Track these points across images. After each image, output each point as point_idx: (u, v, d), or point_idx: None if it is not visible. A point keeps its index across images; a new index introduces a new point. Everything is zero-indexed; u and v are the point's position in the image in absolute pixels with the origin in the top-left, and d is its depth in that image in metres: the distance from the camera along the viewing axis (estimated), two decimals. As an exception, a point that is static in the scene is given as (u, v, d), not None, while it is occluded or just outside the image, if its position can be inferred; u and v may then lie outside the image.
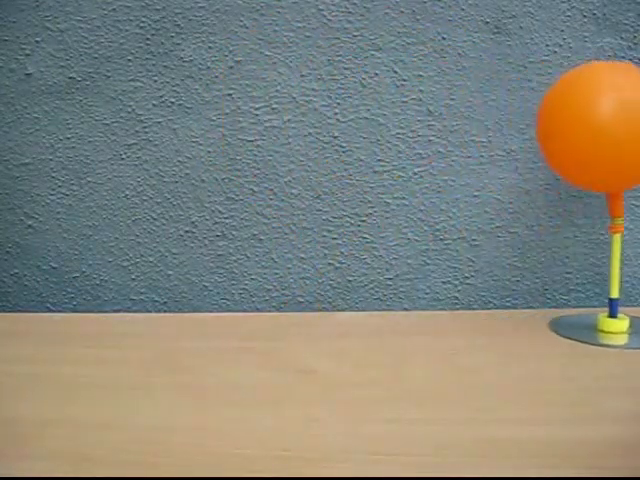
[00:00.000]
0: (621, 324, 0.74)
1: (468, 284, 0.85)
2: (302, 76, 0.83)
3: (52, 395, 0.59)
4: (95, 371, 0.64)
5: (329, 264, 0.85)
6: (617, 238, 0.74)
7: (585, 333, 0.74)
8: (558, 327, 0.76)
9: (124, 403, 0.57)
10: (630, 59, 0.82)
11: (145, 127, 0.85)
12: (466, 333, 0.75)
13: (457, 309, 0.86)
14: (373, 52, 0.82)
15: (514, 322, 0.79)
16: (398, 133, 0.83)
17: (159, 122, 0.84)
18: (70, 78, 0.84)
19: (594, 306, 0.85)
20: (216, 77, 0.83)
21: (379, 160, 0.84)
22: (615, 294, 0.74)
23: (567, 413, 0.54)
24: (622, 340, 0.72)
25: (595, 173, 0.68)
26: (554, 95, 0.70)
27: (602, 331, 0.74)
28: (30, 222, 0.87)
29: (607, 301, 0.86)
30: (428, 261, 0.85)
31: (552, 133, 0.69)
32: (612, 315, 0.75)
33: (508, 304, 0.86)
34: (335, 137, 0.83)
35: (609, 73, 0.68)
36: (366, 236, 0.85)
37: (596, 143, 0.66)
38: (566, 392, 0.58)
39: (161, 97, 0.84)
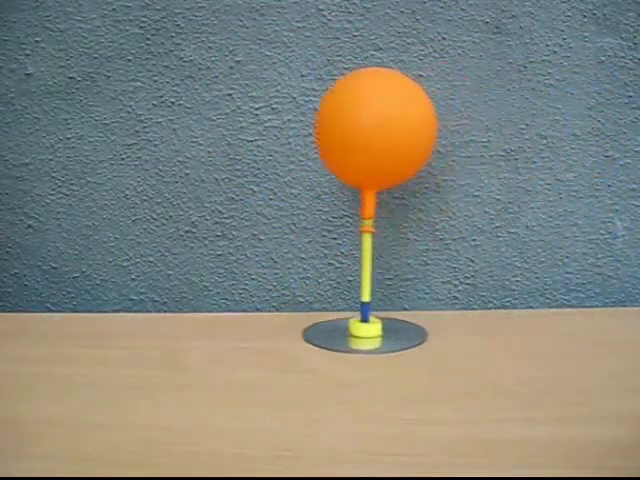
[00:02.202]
0: (374, 328, 0.72)
1: (468, 284, 0.85)
2: (302, 76, 0.83)
3: (52, 395, 0.59)
4: (95, 371, 0.64)
5: (329, 264, 0.85)
6: (367, 239, 0.72)
7: (336, 339, 0.72)
8: (312, 336, 0.73)
9: (124, 403, 0.57)
10: (630, 59, 0.82)
11: (145, 127, 0.85)
12: (466, 333, 0.75)
13: (457, 309, 0.86)
14: (373, 52, 0.82)
15: (513, 322, 0.79)
16: (398, 133, 0.83)
17: (159, 122, 0.84)
18: (70, 78, 0.84)
19: (595, 306, 0.85)
20: (216, 77, 0.83)
21: (379, 160, 0.84)
22: (366, 298, 0.72)
23: (566, 413, 0.54)
24: (375, 344, 0.72)
25: (350, 172, 0.71)
26: (326, 99, 0.71)
27: (354, 336, 0.73)
28: (30, 222, 0.87)
29: (606, 301, 0.86)
30: (428, 261, 0.85)
31: (321, 131, 0.71)
32: (364, 320, 0.73)
33: (508, 304, 0.86)
34: (335, 137, 0.83)
35: (371, 80, 0.71)
36: (366, 236, 0.85)
37: (352, 146, 0.68)
38: (565, 392, 0.58)
39: (161, 97, 0.84)
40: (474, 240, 0.85)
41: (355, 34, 0.82)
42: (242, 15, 0.83)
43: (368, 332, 0.72)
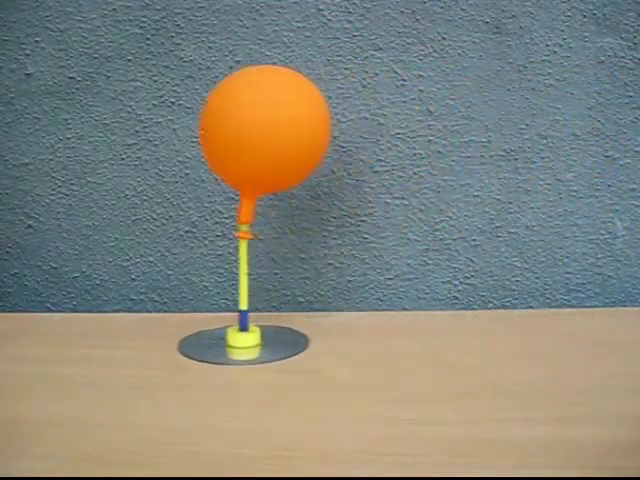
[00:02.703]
0: (252, 337, 0.70)
1: (468, 284, 0.85)
2: (302, 76, 0.83)
3: (52, 395, 0.59)
4: (95, 371, 0.64)
5: (329, 264, 0.85)
6: (243, 245, 0.69)
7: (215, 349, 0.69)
8: (188, 349, 0.70)
9: (124, 403, 0.57)
10: (630, 59, 0.82)
11: (145, 127, 0.85)
12: (466, 333, 0.75)
13: (457, 309, 0.86)
14: (373, 52, 0.82)
15: (513, 322, 0.79)
16: (398, 133, 0.83)
17: (159, 122, 0.84)
18: (70, 78, 0.84)
19: (595, 306, 0.85)
20: (216, 77, 0.83)
21: (379, 160, 0.84)
22: (244, 306, 0.70)
23: (566, 413, 0.54)
24: (252, 354, 0.68)
25: (230, 172, 0.68)
26: (211, 97, 0.68)
27: (232, 347, 0.70)
28: (30, 222, 0.87)
29: (606, 301, 0.86)
30: (428, 261, 0.85)
31: (205, 130, 0.68)
32: (243, 329, 0.70)
33: (508, 304, 0.86)
34: (335, 137, 0.83)
35: (256, 78, 0.67)
36: (366, 236, 0.85)
37: (234, 145, 0.65)
38: (565, 392, 0.58)
39: (161, 97, 0.84)
40: (474, 240, 0.85)
41: (355, 34, 0.82)
42: (242, 15, 0.83)
43: (245, 342, 0.69)
